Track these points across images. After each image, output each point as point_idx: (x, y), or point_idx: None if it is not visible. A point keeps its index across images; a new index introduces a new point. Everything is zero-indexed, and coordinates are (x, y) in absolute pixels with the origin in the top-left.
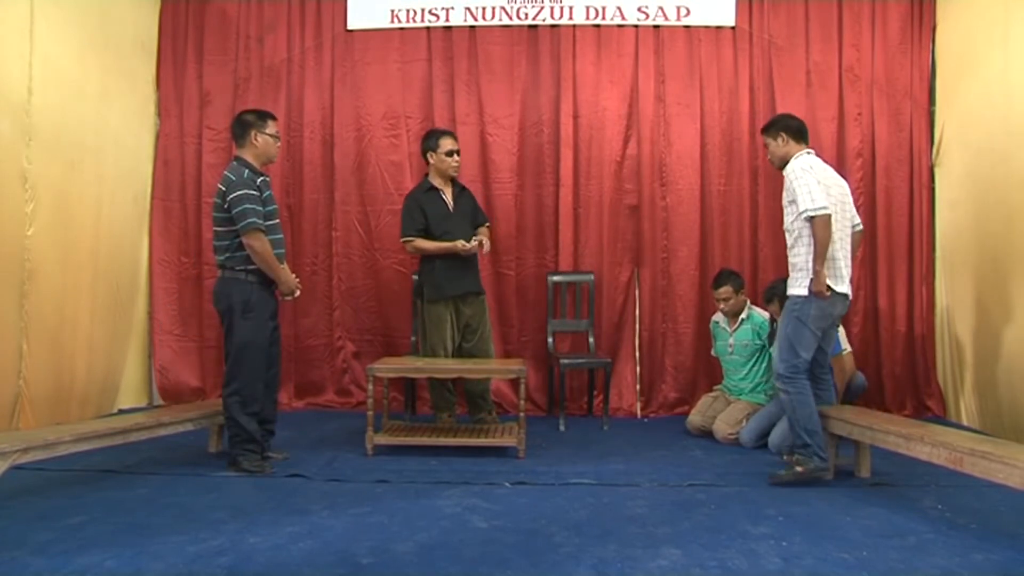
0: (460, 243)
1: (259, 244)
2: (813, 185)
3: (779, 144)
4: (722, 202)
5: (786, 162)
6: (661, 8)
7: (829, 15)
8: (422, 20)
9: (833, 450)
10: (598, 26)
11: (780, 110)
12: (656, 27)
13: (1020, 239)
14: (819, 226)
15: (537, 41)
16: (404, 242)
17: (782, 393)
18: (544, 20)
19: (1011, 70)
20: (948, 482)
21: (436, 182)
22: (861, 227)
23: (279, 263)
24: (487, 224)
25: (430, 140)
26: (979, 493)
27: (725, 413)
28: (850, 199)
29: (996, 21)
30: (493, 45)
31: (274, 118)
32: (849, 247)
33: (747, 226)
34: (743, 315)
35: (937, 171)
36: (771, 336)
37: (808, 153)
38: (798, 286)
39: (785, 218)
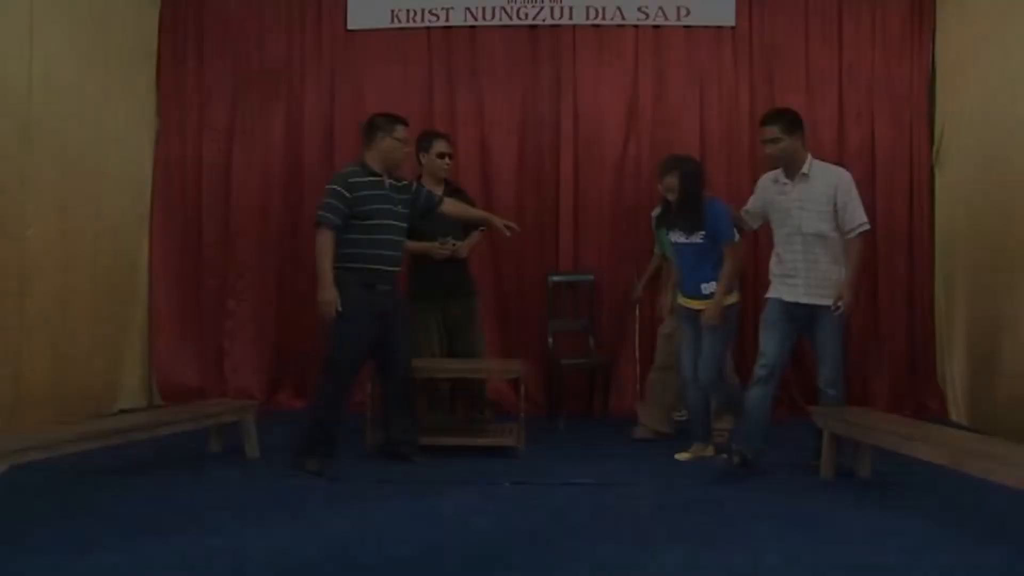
0: (436, 245)
1: (319, 239)
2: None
3: None
4: None
5: None
6: (661, 8)
7: (829, 15)
8: (422, 20)
9: (833, 450)
10: (598, 26)
11: None
12: (656, 27)
13: (1020, 239)
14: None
15: (537, 41)
16: None
17: (833, 395)
18: (544, 20)
19: (1011, 71)
20: (948, 482)
21: (427, 183)
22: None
23: (326, 265)
24: (482, 229)
25: (423, 141)
26: (979, 493)
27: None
28: None
29: (996, 22)
30: (493, 45)
31: (404, 123)
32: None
33: None
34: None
35: (937, 171)
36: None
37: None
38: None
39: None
